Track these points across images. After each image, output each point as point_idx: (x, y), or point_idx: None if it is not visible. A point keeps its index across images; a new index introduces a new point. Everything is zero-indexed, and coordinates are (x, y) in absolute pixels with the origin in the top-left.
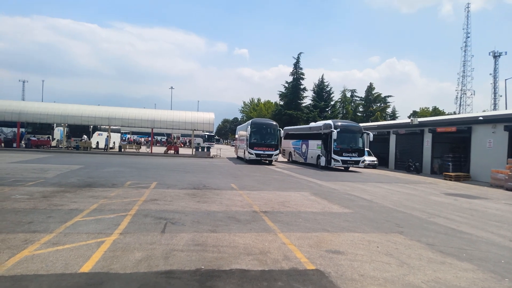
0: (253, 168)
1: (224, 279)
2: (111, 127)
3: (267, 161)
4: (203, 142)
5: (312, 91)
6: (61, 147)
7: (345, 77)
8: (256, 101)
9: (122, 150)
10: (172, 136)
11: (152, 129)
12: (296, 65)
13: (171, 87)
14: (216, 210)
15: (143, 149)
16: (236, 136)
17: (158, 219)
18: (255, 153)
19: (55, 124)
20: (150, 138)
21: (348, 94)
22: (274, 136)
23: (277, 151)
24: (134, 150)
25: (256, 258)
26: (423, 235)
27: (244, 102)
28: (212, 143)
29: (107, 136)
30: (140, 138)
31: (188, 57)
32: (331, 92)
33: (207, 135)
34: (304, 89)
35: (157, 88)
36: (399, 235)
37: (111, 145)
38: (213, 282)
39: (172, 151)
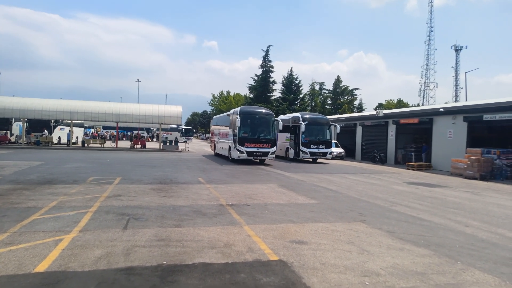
0: (222, 161)
1: (186, 273)
2: (73, 121)
3: (259, 160)
4: (181, 137)
5: (282, 84)
6: (21, 143)
7: (315, 70)
8: (225, 94)
9: (86, 145)
10: (139, 131)
11: (117, 123)
12: (265, 58)
13: (138, 80)
14: (181, 205)
15: (108, 143)
16: (213, 129)
17: (120, 215)
18: (246, 151)
19: (13, 119)
20: (127, 133)
21: (317, 87)
22: (270, 129)
23: (274, 148)
24: (98, 145)
25: (220, 251)
26: (384, 223)
27: (213, 95)
28: (190, 137)
29: (69, 131)
30: (106, 132)
31: (156, 49)
32: (300, 85)
33: (185, 129)
34: (274, 82)
35: (124, 81)
36: (362, 224)
37: (73, 140)
38: (174, 277)
39: (138, 146)
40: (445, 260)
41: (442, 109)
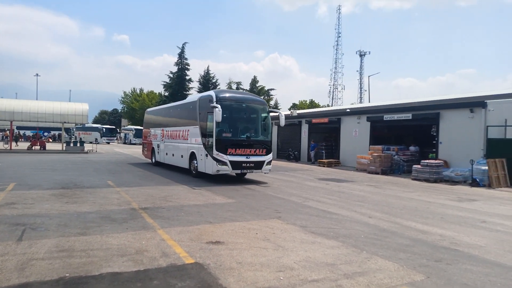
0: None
1: (91, 285)
2: None
3: (236, 174)
4: (101, 137)
5: (198, 83)
6: None
7: (232, 69)
8: (138, 91)
9: None
10: (43, 132)
11: (11, 122)
12: (181, 55)
13: (37, 74)
14: (87, 211)
15: (0, 145)
16: (150, 125)
17: (14, 226)
18: (230, 161)
19: None
20: (43, 133)
21: (234, 87)
22: (263, 125)
23: (270, 156)
24: None
25: (131, 259)
26: (298, 218)
27: (124, 92)
28: (112, 138)
29: None
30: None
31: (59, 42)
32: (217, 83)
33: (106, 128)
34: (190, 80)
35: (20, 75)
36: (277, 220)
37: None
38: None
39: (37, 147)
40: (352, 250)
41: (348, 110)
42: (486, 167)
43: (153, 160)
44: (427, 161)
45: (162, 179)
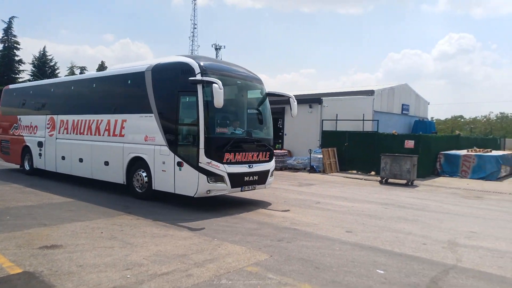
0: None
1: None
2: None
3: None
4: None
5: (32, 65)
6: None
7: (75, 52)
8: None
9: None
10: None
11: None
12: (8, 31)
13: None
14: None
15: None
16: (11, 113)
17: None
18: (229, 174)
19: None
20: None
21: (77, 72)
22: (263, 115)
23: (273, 162)
24: None
25: None
26: (149, 211)
27: None
28: None
29: None
30: None
31: None
32: (56, 67)
33: None
34: (21, 61)
35: None
36: (126, 216)
37: None
38: None
39: None
40: (203, 239)
41: None
42: (321, 156)
43: (27, 165)
44: (274, 151)
45: None
